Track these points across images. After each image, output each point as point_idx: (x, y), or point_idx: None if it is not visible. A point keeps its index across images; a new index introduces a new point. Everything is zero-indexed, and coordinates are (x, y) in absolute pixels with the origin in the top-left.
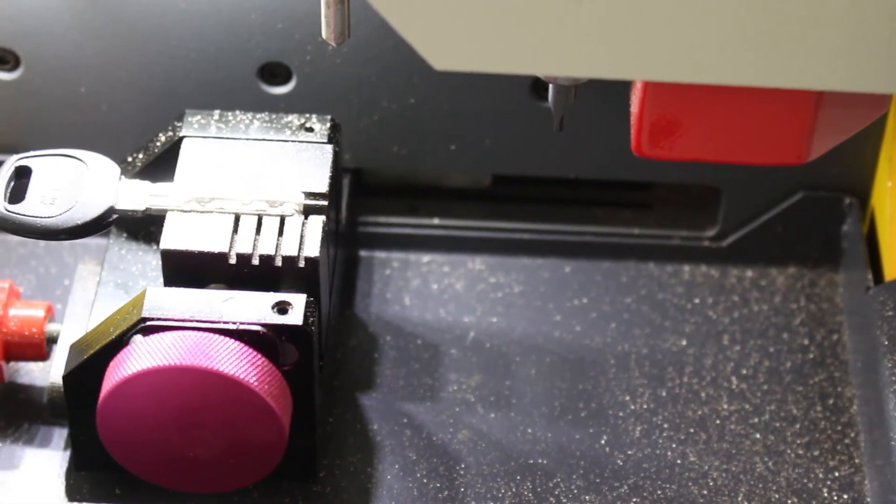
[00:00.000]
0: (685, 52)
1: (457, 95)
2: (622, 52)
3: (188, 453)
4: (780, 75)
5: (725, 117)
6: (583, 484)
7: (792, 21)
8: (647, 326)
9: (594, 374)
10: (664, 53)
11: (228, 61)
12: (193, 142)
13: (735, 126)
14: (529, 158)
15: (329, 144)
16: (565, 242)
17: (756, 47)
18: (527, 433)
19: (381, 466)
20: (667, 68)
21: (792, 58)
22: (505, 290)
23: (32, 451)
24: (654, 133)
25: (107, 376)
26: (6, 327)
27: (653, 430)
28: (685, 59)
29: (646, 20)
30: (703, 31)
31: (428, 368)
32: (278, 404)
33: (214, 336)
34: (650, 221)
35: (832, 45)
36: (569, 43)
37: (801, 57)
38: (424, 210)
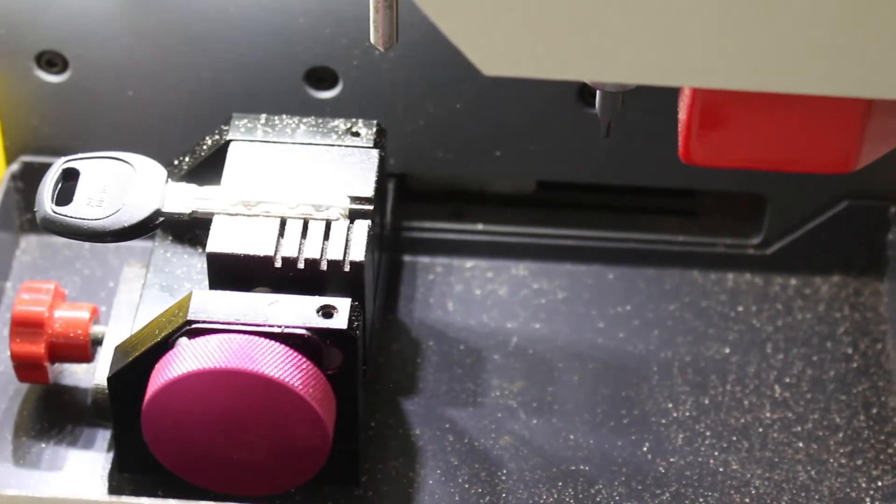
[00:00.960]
0: (734, 59)
1: (503, 101)
2: (671, 60)
3: (232, 456)
4: (830, 83)
5: (774, 125)
6: (625, 491)
7: (841, 28)
8: (690, 334)
9: (637, 381)
10: (713, 61)
11: (275, 65)
12: (240, 145)
13: (783, 134)
14: (574, 165)
15: (375, 149)
16: (609, 249)
17: (806, 55)
18: (569, 440)
19: (422, 471)
20: (716, 75)
21: (841, 65)
22: (548, 296)
23: (76, 452)
24: (702, 140)
25: (152, 378)
26: (51, 329)
27: (695, 437)
28: (734, 66)
29: (695, 27)
30: (753, 38)
31: (470, 374)
32: (322, 408)
33: (259, 339)
34: (694, 229)
35: (882, 53)
36: (618, 50)
37: (850, 65)
38: (468, 215)
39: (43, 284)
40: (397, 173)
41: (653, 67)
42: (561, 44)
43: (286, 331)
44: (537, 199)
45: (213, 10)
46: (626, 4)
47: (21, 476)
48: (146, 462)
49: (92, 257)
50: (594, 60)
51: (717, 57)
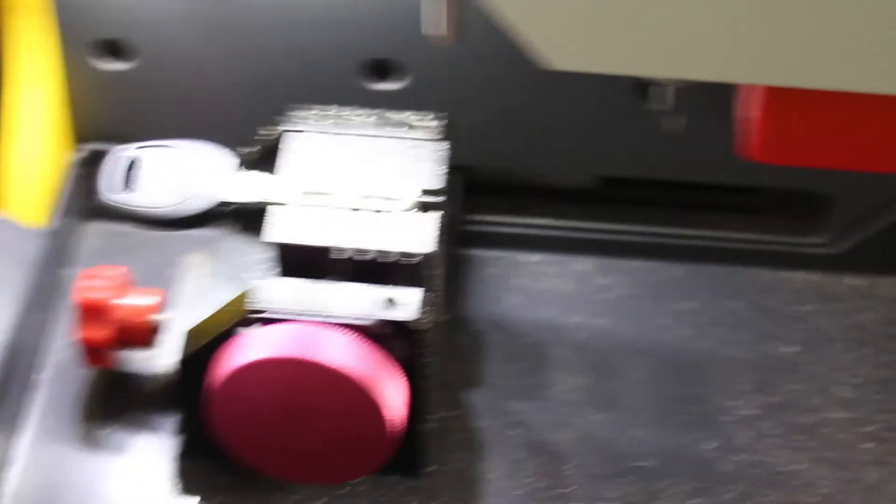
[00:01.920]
0: (806, 56)
1: (568, 96)
2: (743, 57)
3: (295, 444)
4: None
5: (844, 124)
6: (689, 488)
7: None
8: (754, 332)
9: (701, 378)
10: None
11: (340, 57)
12: (306, 136)
13: (853, 133)
14: (638, 161)
15: (444, 141)
16: (673, 245)
17: (879, 54)
18: (633, 435)
19: (485, 465)
20: (787, 73)
21: None
22: (612, 291)
23: (141, 437)
24: (770, 138)
25: (219, 365)
26: (118, 314)
27: (761, 436)
28: (806, 64)
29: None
30: (828, 35)
31: (534, 368)
32: (388, 399)
33: (325, 329)
34: (759, 226)
35: None
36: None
37: None
38: (532, 210)
39: (109, 270)
40: (462, 166)
41: (725, 64)
42: (631, 40)
43: (354, 321)
44: (601, 195)
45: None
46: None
47: (88, 461)
48: (211, 448)
49: (156, 244)
50: (666, 57)
51: (789, 54)
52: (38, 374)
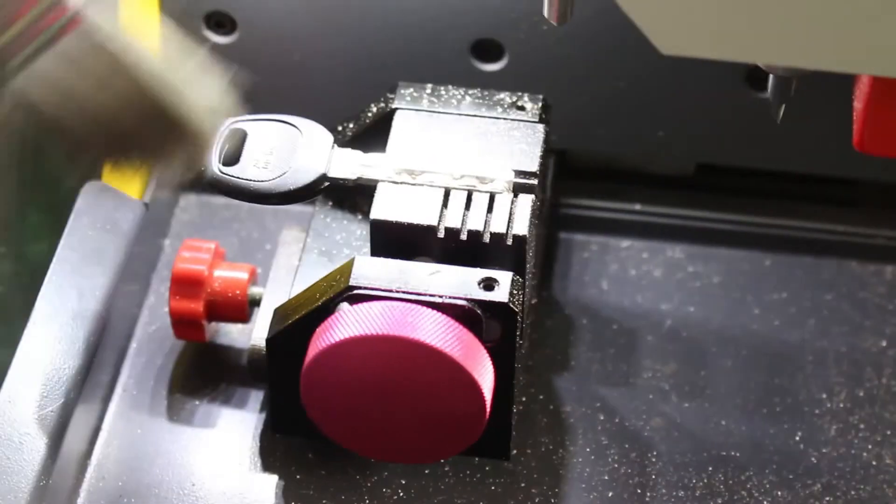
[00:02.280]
0: None
1: (668, 82)
2: (853, 46)
3: (387, 423)
4: None
5: None
6: (775, 479)
7: None
8: (846, 325)
9: (791, 369)
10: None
11: (441, 36)
12: (406, 114)
13: None
14: (736, 149)
15: (540, 124)
16: (767, 235)
17: None
18: (720, 425)
19: (572, 449)
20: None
21: None
22: (703, 279)
23: (229, 411)
24: (880, 130)
25: (313, 342)
26: (211, 287)
27: (849, 429)
28: None
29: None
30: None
31: (623, 354)
32: (482, 379)
33: (421, 308)
34: (854, 219)
35: None
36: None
37: None
38: (626, 195)
39: (204, 243)
40: (557, 149)
41: (833, 53)
42: (741, 25)
43: (447, 301)
44: (696, 182)
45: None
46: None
47: (174, 432)
48: (298, 424)
49: (249, 219)
50: (774, 43)
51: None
52: (129, 343)
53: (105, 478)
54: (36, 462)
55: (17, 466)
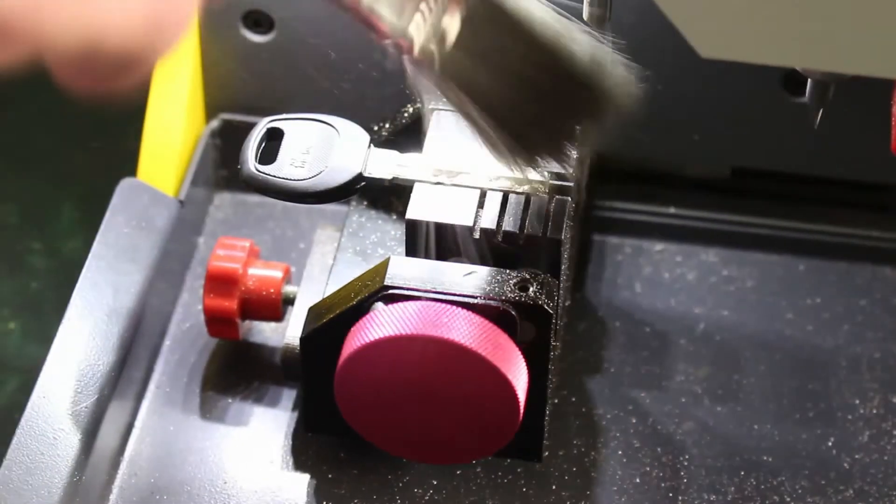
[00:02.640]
0: None
1: (705, 85)
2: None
3: (420, 423)
4: None
5: None
6: (807, 484)
7: None
8: (880, 330)
9: (824, 374)
10: None
11: None
12: (442, 115)
13: None
14: (771, 153)
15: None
16: (801, 240)
17: None
18: (753, 429)
19: (604, 451)
20: None
21: None
22: (737, 283)
23: (261, 409)
24: None
25: (347, 341)
26: (245, 286)
27: (882, 435)
28: None
29: None
30: None
31: (656, 357)
32: (515, 380)
33: (455, 308)
34: (889, 225)
35: None
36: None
37: None
38: (660, 198)
39: (238, 241)
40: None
41: (872, 58)
42: (781, 29)
43: (482, 301)
44: (731, 186)
45: None
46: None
47: (207, 430)
48: (330, 423)
49: (284, 217)
50: (814, 47)
51: None
52: (163, 341)
53: (137, 474)
54: (69, 458)
55: (51, 462)
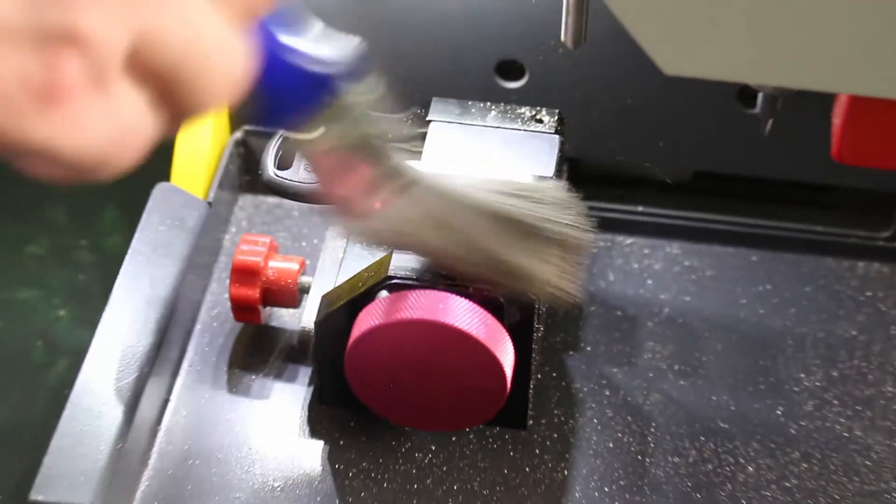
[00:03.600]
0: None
1: (669, 99)
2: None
3: (420, 396)
4: None
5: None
6: (759, 448)
7: None
8: (823, 313)
9: (774, 352)
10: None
11: (470, 58)
12: (440, 125)
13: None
14: (728, 158)
15: (556, 135)
16: (753, 234)
17: None
18: (711, 400)
19: (581, 420)
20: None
21: None
22: (697, 273)
23: (280, 384)
24: (856, 142)
25: (356, 325)
26: (266, 277)
27: (824, 405)
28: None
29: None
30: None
31: (626, 337)
32: (503, 358)
33: (451, 295)
34: (831, 220)
35: None
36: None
37: None
38: (630, 198)
39: (260, 238)
40: (571, 157)
41: (815, 74)
42: (735, 49)
43: (473, 289)
44: (692, 187)
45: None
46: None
47: (233, 402)
48: (341, 396)
49: (299, 216)
50: (764, 65)
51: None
52: (194, 325)
53: (173, 442)
54: (114, 428)
55: (98, 431)
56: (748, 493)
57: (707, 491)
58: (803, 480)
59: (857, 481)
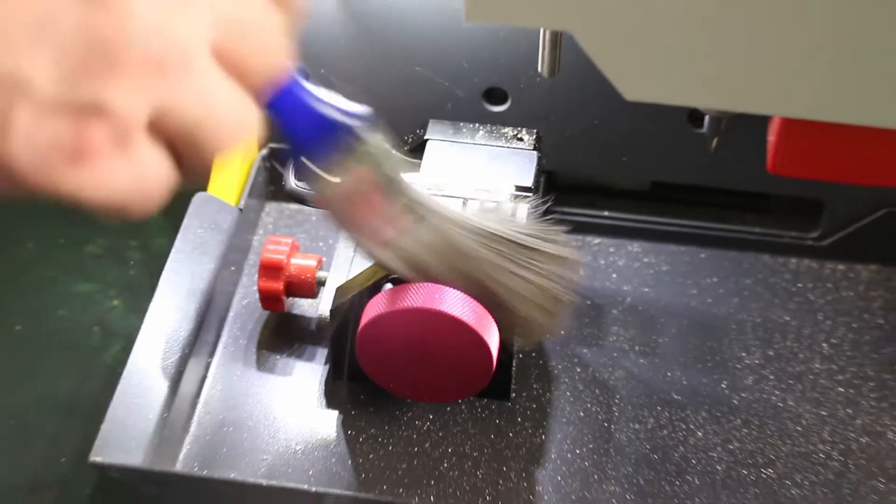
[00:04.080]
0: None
1: (630, 119)
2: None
3: (420, 372)
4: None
5: (843, 147)
6: (706, 416)
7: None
8: (761, 302)
9: (719, 335)
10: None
11: (462, 85)
12: (435, 143)
13: (849, 154)
14: (681, 169)
15: (535, 151)
16: (702, 235)
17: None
18: (666, 375)
19: (556, 393)
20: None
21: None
22: (655, 268)
23: (301, 363)
24: (787, 157)
25: (365, 312)
26: (288, 272)
27: (761, 379)
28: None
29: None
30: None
31: (594, 322)
32: (490, 340)
33: (446, 288)
34: (768, 223)
35: None
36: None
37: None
38: (598, 204)
39: (283, 239)
40: (547, 170)
41: (753, 100)
42: (685, 79)
43: None
44: (650, 195)
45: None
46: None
47: (262, 379)
48: (352, 373)
49: (316, 220)
50: (709, 92)
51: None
52: (228, 313)
53: (210, 412)
54: (160, 400)
55: (146, 403)
56: (698, 454)
57: (663, 452)
58: (744, 443)
59: (789, 444)
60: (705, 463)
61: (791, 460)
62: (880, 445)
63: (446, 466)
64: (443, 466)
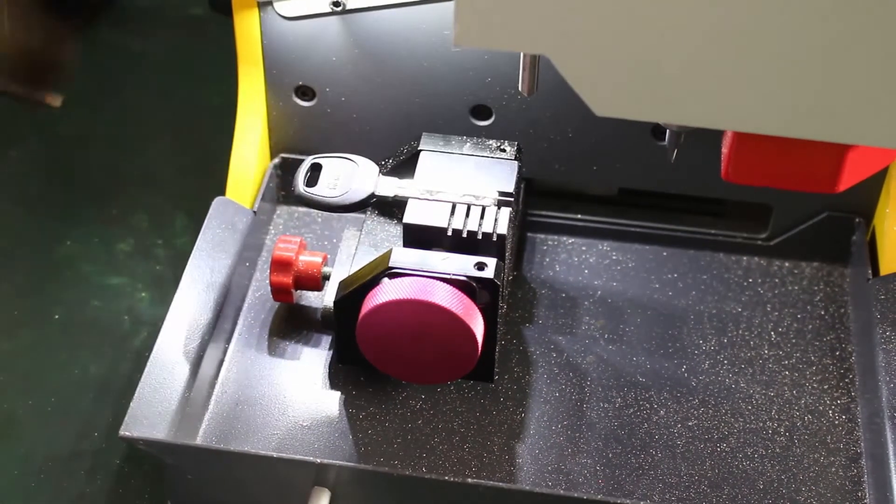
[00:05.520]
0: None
1: (600, 132)
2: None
3: (414, 357)
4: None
5: (788, 158)
6: (668, 395)
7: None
8: (716, 295)
9: (679, 324)
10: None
11: (451, 103)
12: (427, 153)
13: (793, 164)
14: (645, 177)
15: (515, 161)
16: (664, 235)
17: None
18: (632, 360)
19: (535, 375)
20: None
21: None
22: (622, 264)
23: (308, 349)
24: (739, 166)
25: (365, 303)
26: (297, 267)
27: (716, 364)
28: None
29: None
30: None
31: (569, 313)
32: (475, 328)
33: (436, 281)
34: (723, 225)
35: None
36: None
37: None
38: (571, 208)
39: (292, 238)
40: (527, 177)
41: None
42: (647, 98)
43: (453, 277)
44: (618, 200)
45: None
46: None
47: (272, 362)
48: (354, 358)
49: (322, 222)
50: (668, 110)
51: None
52: (243, 304)
53: (227, 392)
54: (182, 381)
55: (170, 384)
56: (660, 430)
57: (629, 429)
58: (701, 421)
59: (741, 421)
60: (667, 438)
61: (743, 435)
62: (822, 423)
63: (436, 441)
64: (433, 441)
